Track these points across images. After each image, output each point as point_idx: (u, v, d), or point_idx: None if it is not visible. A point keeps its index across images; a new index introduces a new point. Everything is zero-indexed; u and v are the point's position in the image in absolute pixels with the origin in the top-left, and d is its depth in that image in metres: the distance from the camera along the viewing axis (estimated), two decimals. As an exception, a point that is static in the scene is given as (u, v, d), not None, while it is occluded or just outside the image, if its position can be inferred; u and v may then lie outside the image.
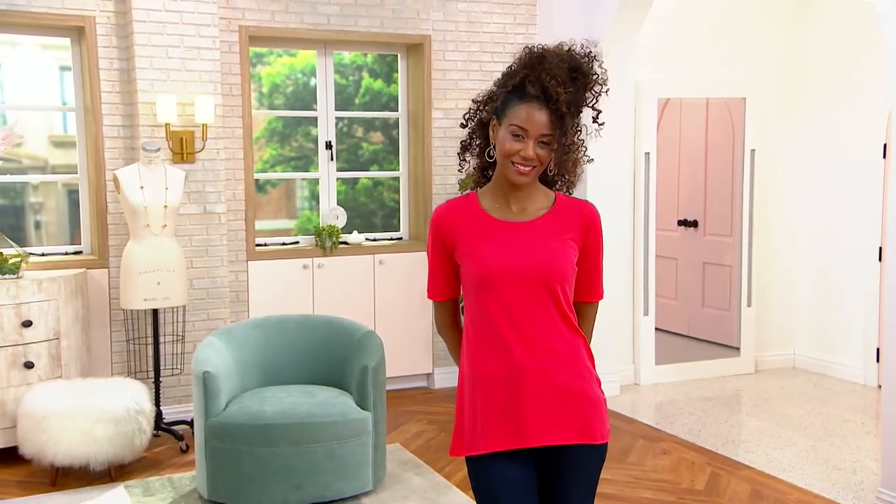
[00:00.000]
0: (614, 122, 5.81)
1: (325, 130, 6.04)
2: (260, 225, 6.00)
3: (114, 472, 4.48)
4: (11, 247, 4.85)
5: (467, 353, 2.21)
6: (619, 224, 6.05)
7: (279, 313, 4.99)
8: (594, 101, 2.21)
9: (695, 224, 7.33)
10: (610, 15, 5.51)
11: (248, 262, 5.59)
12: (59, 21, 5.12)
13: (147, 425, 4.52)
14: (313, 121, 6.08)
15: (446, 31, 6.00)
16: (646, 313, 6.21)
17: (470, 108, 2.28)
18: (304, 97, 6.18)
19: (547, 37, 6.19)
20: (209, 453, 4.05)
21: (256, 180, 5.94)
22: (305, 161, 6.23)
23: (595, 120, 2.26)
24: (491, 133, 2.21)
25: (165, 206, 4.84)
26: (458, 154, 2.32)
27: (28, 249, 5.20)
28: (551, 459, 2.18)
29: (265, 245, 5.82)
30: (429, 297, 2.32)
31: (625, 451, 4.89)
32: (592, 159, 2.28)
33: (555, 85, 2.08)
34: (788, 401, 5.90)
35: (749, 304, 6.56)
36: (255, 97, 6.02)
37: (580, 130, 2.18)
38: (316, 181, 6.12)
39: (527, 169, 2.12)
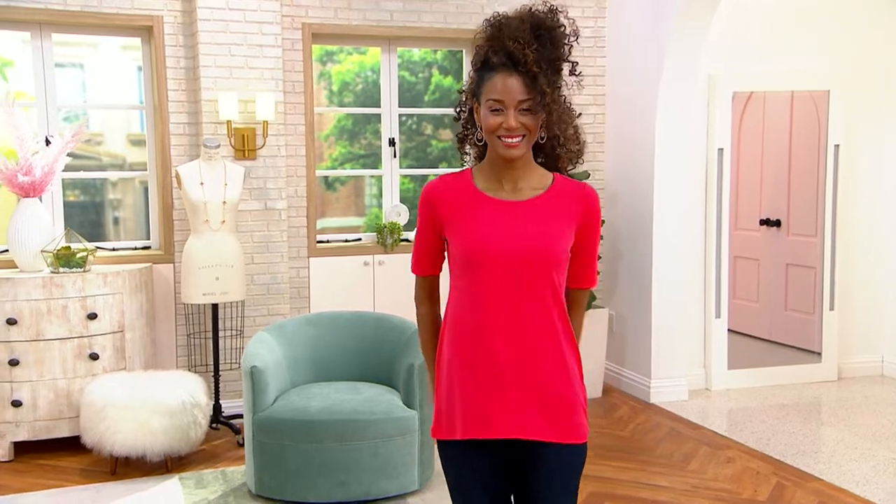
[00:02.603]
0: (685, 116, 5.62)
1: (389, 127, 6.02)
2: (329, 222, 6.03)
3: (170, 464, 4.56)
4: (80, 241, 4.99)
5: (447, 334, 2.15)
6: (689, 223, 5.84)
7: (339, 310, 5.00)
8: (568, 54, 2.11)
9: (777, 223, 7.02)
10: (680, 5, 5.32)
11: (310, 259, 5.61)
12: (129, 21, 5.24)
13: (203, 418, 4.57)
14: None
15: (511, 26, 5.89)
16: (717, 315, 5.96)
17: (459, 101, 2.21)
18: (374, 95, 6.18)
19: (616, 29, 6.04)
20: (256, 448, 4.07)
21: (325, 178, 5.97)
22: (374, 159, 6.23)
23: (572, 72, 2.16)
24: (476, 116, 2.13)
25: (224, 202, 4.90)
26: (458, 147, 2.25)
27: (101, 244, 5.36)
28: (522, 454, 2.11)
29: (327, 242, 5.84)
30: (412, 271, 2.27)
31: (686, 458, 4.70)
32: (581, 114, 2.20)
33: (518, 47, 1.99)
34: (871, 410, 5.58)
35: (831, 308, 6.24)
36: (325, 95, 6.05)
37: (560, 88, 2.08)
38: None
39: (514, 140, 2.03)
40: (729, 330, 6.15)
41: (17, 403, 4.66)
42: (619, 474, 4.46)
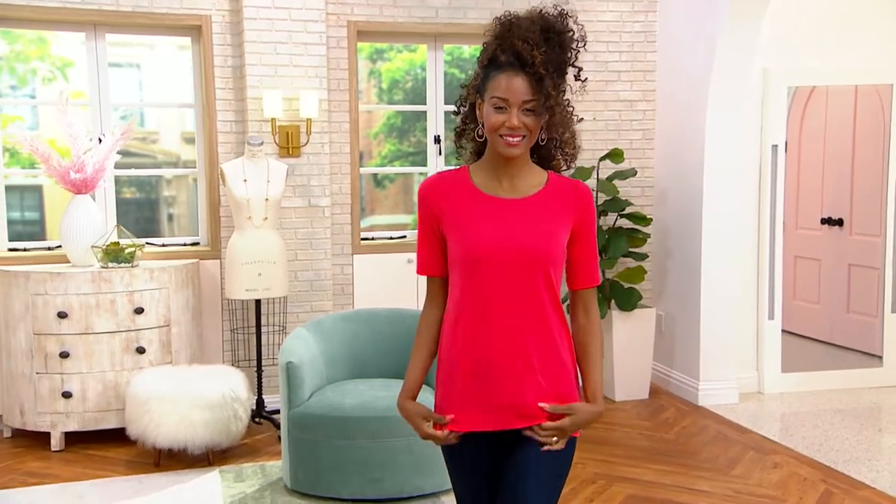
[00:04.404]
0: (737, 112, 5.47)
1: (434, 125, 6.00)
2: (379, 220, 6.04)
3: (212, 457, 4.62)
4: (129, 238, 5.09)
5: (446, 330, 2.16)
6: (742, 221, 5.68)
7: (378, 307, 4.99)
8: (574, 58, 2.11)
9: (840, 223, 6.79)
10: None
11: (354, 256, 5.63)
12: (178, 21, 5.33)
13: (243, 413, 4.61)
14: (430, 115, 6.07)
15: (559, 21, 5.81)
16: (771, 317, 5.79)
17: (460, 95, 2.22)
18: (423, 92, 6.17)
19: (667, 24, 5.91)
20: (292, 443, 4.09)
21: (374, 175, 5.99)
22: (423, 156, 6.22)
23: (577, 77, 2.17)
24: (478, 113, 2.14)
25: (267, 199, 4.95)
26: (454, 141, 2.27)
27: (151, 240, 5.47)
28: (515, 445, 2.12)
29: (372, 239, 5.85)
30: (416, 271, 2.26)
31: (731, 463, 4.57)
32: (582, 118, 2.21)
33: (528, 48, 2.00)
34: (933, 417, 5.36)
35: (893, 310, 6.01)
36: (375, 93, 6.06)
37: (564, 91, 2.08)
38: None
39: (515, 139, 2.04)
40: (789, 332, 5.98)
41: (67, 395, 4.78)
42: (660, 477, 4.37)
